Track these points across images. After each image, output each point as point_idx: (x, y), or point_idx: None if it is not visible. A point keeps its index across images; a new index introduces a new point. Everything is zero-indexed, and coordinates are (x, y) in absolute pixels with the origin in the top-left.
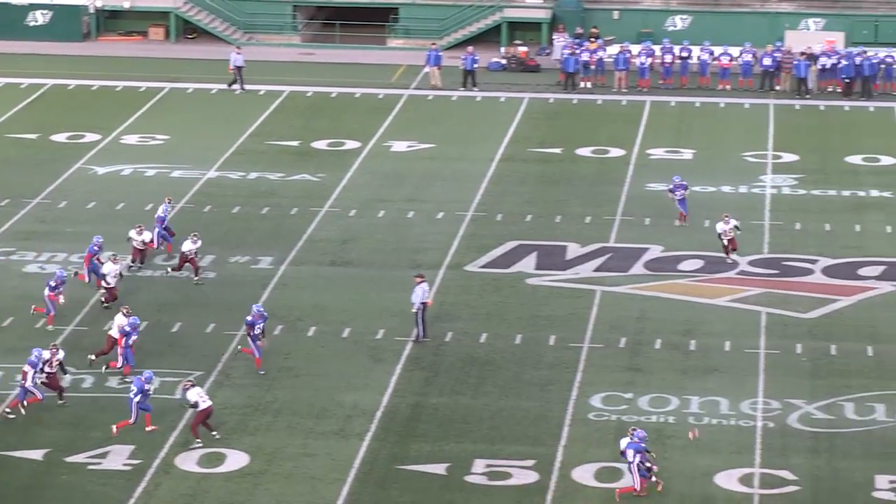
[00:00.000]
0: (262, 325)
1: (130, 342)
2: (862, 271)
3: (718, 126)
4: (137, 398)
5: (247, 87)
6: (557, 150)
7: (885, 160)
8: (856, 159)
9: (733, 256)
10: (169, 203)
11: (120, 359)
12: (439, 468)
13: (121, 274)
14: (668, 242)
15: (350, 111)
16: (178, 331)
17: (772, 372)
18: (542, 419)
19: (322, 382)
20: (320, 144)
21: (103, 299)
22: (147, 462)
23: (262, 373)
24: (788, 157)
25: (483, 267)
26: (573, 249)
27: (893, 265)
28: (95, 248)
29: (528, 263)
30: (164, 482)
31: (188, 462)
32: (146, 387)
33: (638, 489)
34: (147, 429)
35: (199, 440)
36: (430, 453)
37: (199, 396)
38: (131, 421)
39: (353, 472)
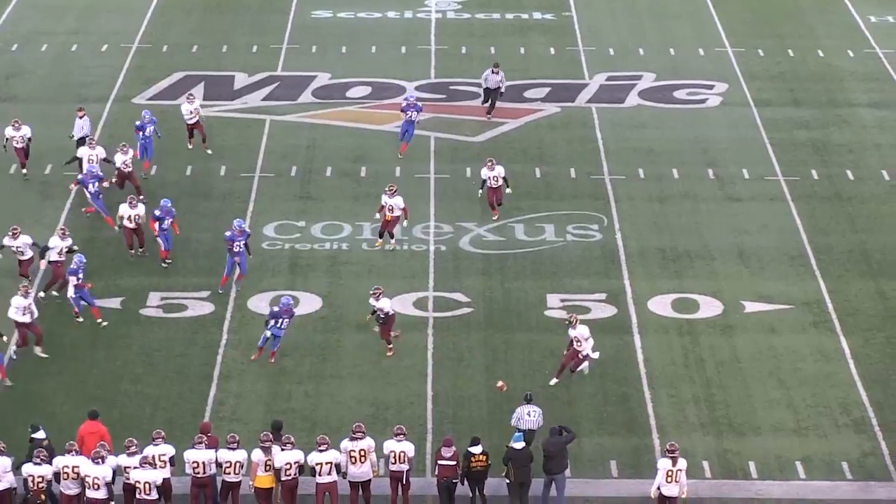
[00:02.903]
0: (242, 241)
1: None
2: (528, 94)
3: None
4: None
5: None
6: None
7: None
8: None
9: (496, 212)
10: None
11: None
12: (114, 302)
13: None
14: (336, 70)
15: None
16: None
17: (442, 196)
18: (216, 250)
19: None
20: None
21: None
22: None
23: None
24: None
25: (150, 99)
26: (241, 79)
27: (558, 87)
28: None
29: (196, 94)
30: None
31: None
32: None
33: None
34: None
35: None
36: (105, 288)
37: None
38: None
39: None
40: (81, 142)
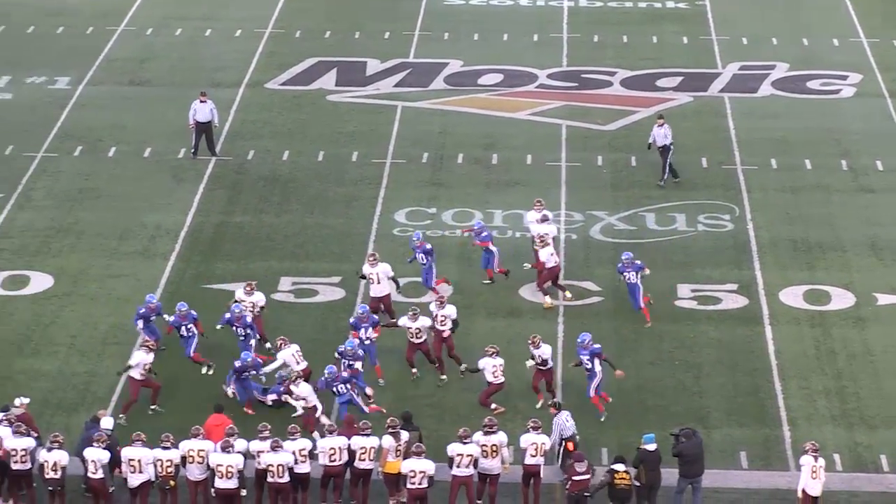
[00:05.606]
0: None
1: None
2: (660, 83)
3: None
4: None
5: None
6: None
7: None
8: None
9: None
10: None
11: None
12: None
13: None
14: (468, 57)
15: None
16: None
17: (573, 184)
18: (347, 236)
19: (124, 203)
20: None
21: None
22: None
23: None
24: None
25: (283, 84)
26: (373, 65)
27: (690, 76)
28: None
29: (328, 80)
30: None
31: None
32: None
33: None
34: None
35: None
36: (236, 272)
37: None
38: None
39: (159, 291)
40: (203, 126)
